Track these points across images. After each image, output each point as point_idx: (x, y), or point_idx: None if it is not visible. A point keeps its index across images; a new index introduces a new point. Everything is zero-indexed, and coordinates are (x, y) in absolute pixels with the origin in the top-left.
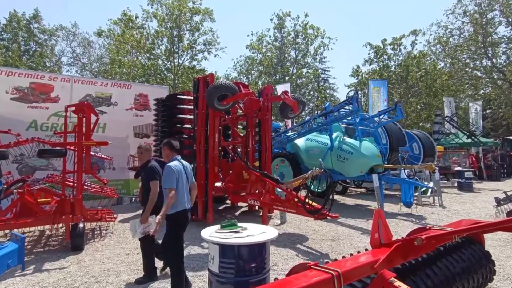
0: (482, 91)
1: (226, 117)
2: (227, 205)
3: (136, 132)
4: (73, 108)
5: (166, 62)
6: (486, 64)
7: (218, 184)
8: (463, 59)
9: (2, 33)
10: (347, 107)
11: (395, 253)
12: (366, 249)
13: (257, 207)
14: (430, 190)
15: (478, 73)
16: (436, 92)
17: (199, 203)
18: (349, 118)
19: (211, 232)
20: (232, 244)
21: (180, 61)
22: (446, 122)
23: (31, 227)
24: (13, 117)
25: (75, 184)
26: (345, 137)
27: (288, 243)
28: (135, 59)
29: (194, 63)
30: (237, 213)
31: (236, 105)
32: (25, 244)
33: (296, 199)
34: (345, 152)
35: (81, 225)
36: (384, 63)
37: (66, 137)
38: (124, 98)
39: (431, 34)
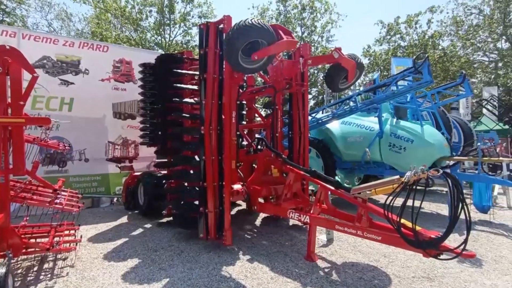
0: (491, 76)
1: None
2: (240, 207)
3: (116, 111)
4: None
5: (156, 36)
6: (501, 46)
7: (237, 186)
8: (481, 40)
9: None
10: (409, 78)
11: None
12: None
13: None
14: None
15: (492, 56)
16: (454, 76)
17: (209, 216)
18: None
19: None
20: None
21: (172, 36)
22: (480, 106)
23: None
24: None
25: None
26: (399, 120)
27: (361, 285)
28: (120, 33)
29: (188, 38)
30: (257, 222)
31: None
32: None
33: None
34: (402, 140)
35: (1, 270)
36: (396, 43)
37: None
38: (99, 64)
39: (447, 13)
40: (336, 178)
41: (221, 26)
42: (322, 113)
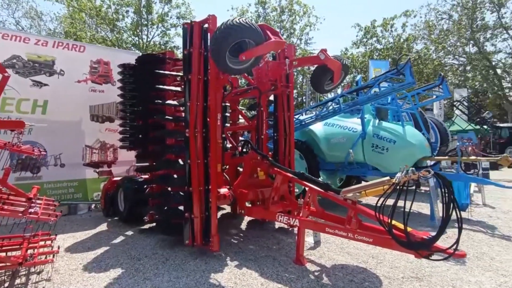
0: (460, 79)
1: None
2: (224, 211)
3: (94, 113)
4: None
5: (133, 37)
6: (469, 50)
7: (223, 190)
8: (451, 44)
9: None
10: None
11: None
12: None
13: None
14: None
15: (461, 59)
16: (428, 78)
17: (195, 221)
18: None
19: None
20: None
21: (150, 36)
22: (453, 107)
23: None
24: None
25: None
26: (381, 121)
27: None
28: (95, 33)
29: (166, 39)
30: (243, 226)
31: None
32: None
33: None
34: (384, 141)
35: None
36: (373, 46)
37: None
38: (75, 65)
39: (421, 17)
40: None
41: (206, 25)
42: (304, 115)
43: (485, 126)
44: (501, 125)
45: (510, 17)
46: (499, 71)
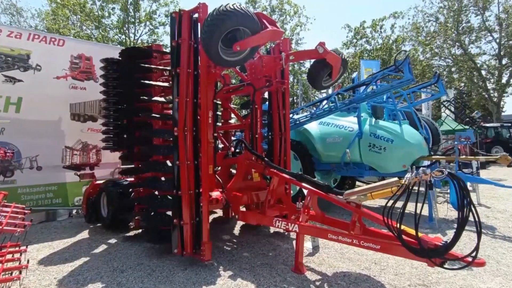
0: (447, 80)
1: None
2: (216, 215)
3: (74, 112)
4: None
5: (119, 35)
6: (455, 52)
7: (215, 193)
8: (438, 46)
9: None
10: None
11: None
12: None
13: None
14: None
15: (447, 61)
16: (417, 79)
17: (185, 228)
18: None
19: None
20: None
21: (137, 34)
22: (443, 107)
23: None
24: None
25: None
26: (378, 120)
27: None
28: (79, 31)
29: (155, 37)
30: (236, 230)
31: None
32: None
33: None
34: (382, 140)
35: None
36: (362, 46)
37: None
38: (54, 59)
39: (409, 18)
40: None
41: (196, 15)
42: (297, 114)
43: (474, 126)
44: (487, 125)
45: (493, 20)
46: (483, 72)
